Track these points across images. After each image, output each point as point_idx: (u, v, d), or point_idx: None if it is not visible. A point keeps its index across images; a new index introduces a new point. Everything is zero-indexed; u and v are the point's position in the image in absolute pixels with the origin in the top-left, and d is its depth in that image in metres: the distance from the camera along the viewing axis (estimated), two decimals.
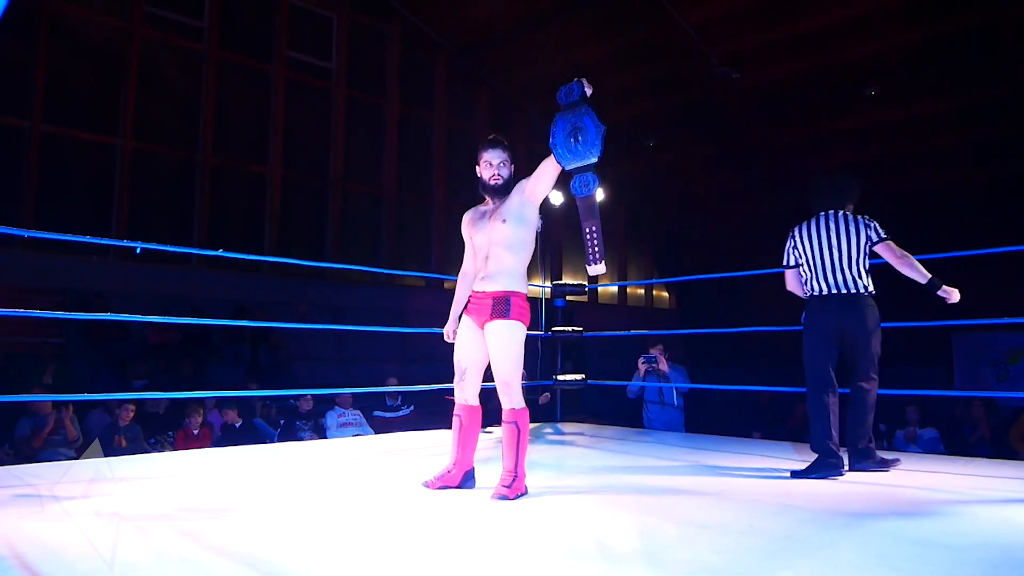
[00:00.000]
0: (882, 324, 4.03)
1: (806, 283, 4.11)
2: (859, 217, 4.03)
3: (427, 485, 3.45)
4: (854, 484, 3.71)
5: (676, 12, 11.13)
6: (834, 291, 3.98)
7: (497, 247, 3.42)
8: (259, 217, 11.85)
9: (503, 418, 3.39)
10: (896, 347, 13.41)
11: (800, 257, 4.13)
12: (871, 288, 3.98)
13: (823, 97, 12.44)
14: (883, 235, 3.96)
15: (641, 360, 6.37)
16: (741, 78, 11.99)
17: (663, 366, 6.30)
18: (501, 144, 3.52)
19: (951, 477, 3.93)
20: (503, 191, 3.49)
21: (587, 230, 3.29)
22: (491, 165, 3.49)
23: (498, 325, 3.37)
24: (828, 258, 3.99)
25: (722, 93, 12.58)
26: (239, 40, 11.69)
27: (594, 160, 3.21)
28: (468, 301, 3.55)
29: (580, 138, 3.20)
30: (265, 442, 7.45)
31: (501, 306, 3.38)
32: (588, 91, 3.26)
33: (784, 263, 4.24)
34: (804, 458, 4.55)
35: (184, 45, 11.18)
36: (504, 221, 3.39)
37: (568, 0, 11.71)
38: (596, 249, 3.26)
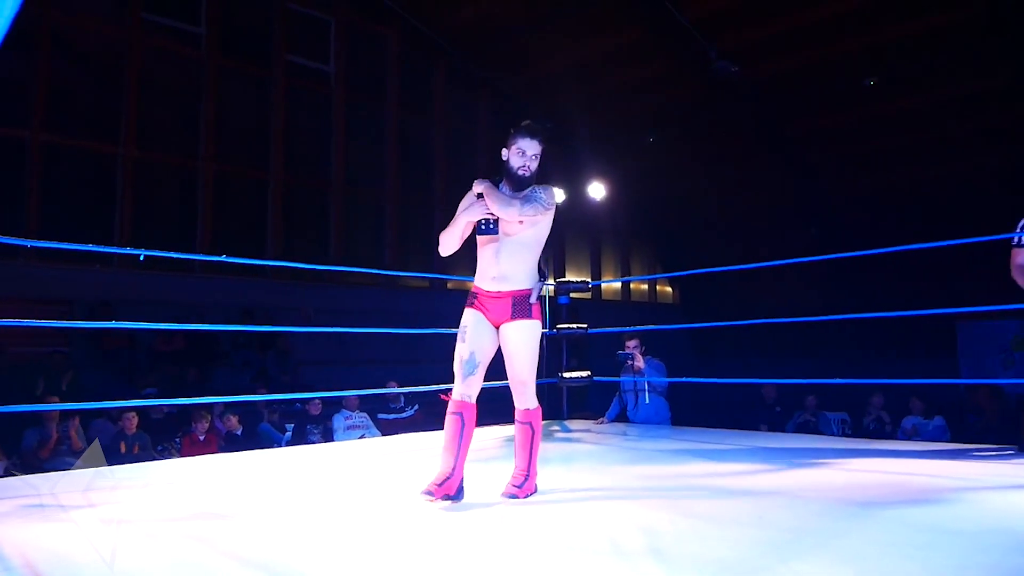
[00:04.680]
0: (883, 314, 3.94)
1: None
2: None
3: (431, 494, 3.07)
4: (862, 474, 3.71)
5: (673, 8, 11.12)
6: None
7: (513, 244, 3.31)
8: (262, 222, 11.86)
9: (517, 418, 3.36)
10: (901, 338, 13.32)
11: None
12: None
13: (824, 89, 12.40)
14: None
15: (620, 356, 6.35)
16: (740, 72, 11.98)
17: (639, 363, 6.20)
18: (540, 135, 3.32)
19: (958, 464, 3.93)
20: (527, 184, 3.33)
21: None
22: (524, 154, 3.30)
23: (521, 325, 3.29)
24: None
25: (722, 88, 12.56)
26: (238, 46, 11.69)
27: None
28: (477, 298, 3.36)
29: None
30: (272, 447, 7.46)
31: (523, 305, 3.29)
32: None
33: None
34: (809, 447, 4.56)
35: (183, 52, 11.19)
36: (521, 222, 3.29)
37: None
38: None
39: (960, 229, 5.05)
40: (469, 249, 3.69)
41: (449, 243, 3.46)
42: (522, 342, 3.30)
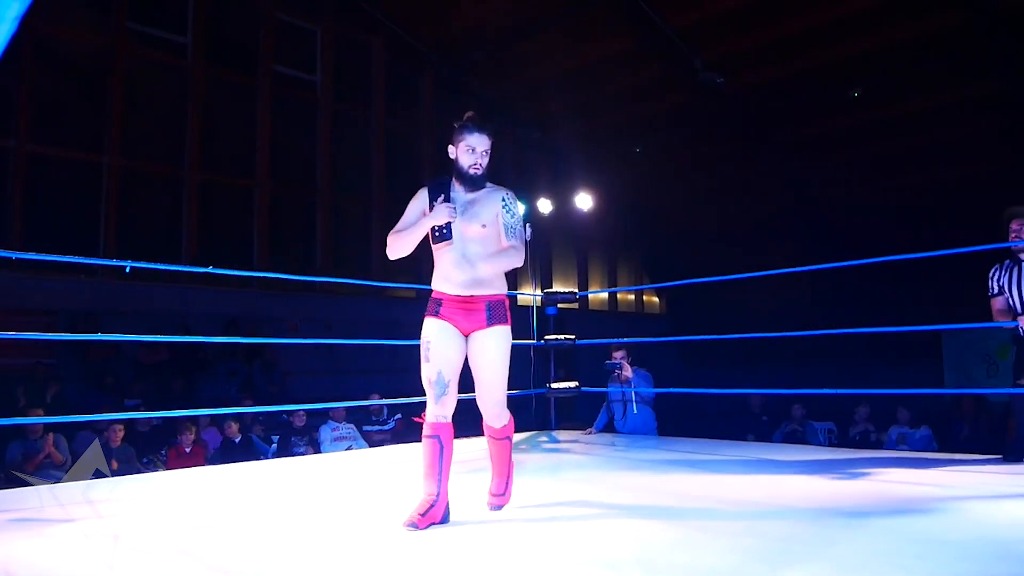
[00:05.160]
0: (871, 330, 4.03)
1: None
2: None
3: (415, 526, 2.85)
4: (850, 484, 3.73)
5: (659, 18, 11.18)
6: None
7: (477, 246, 3.13)
8: (248, 231, 11.80)
9: (494, 434, 3.23)
10: (887, 346, 13.35)
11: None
12: None
13: (809, 98, 12.47)
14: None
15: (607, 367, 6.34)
16: (726, 82, 12.04)
17: (627, 373, 6.17)
18: (487, 130, 3.15)
19: (945, 473, 3.95)
20: (481, 183, 3.17)
21: None
22: (474, 151, 3.13)
23: (498, 332, 3.11)
24: None
25: (708, 97, 12.63)
26: (224, 55, 11.66)
27: None
28: (443, 305, 3.16)
29: None
30: (259, 458, 7.41)
31: (500, 311, 3.14)
32: None
33: None
34: (797, 457, 4.57)
35: (169, 61, 11.15)
36: (484, 226, 3.12)
37: (552, 8, 11.74)
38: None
39: (950, 235, 5.10)
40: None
41: (403, 249, 3.21)
42: (501, 350, 3.12)
